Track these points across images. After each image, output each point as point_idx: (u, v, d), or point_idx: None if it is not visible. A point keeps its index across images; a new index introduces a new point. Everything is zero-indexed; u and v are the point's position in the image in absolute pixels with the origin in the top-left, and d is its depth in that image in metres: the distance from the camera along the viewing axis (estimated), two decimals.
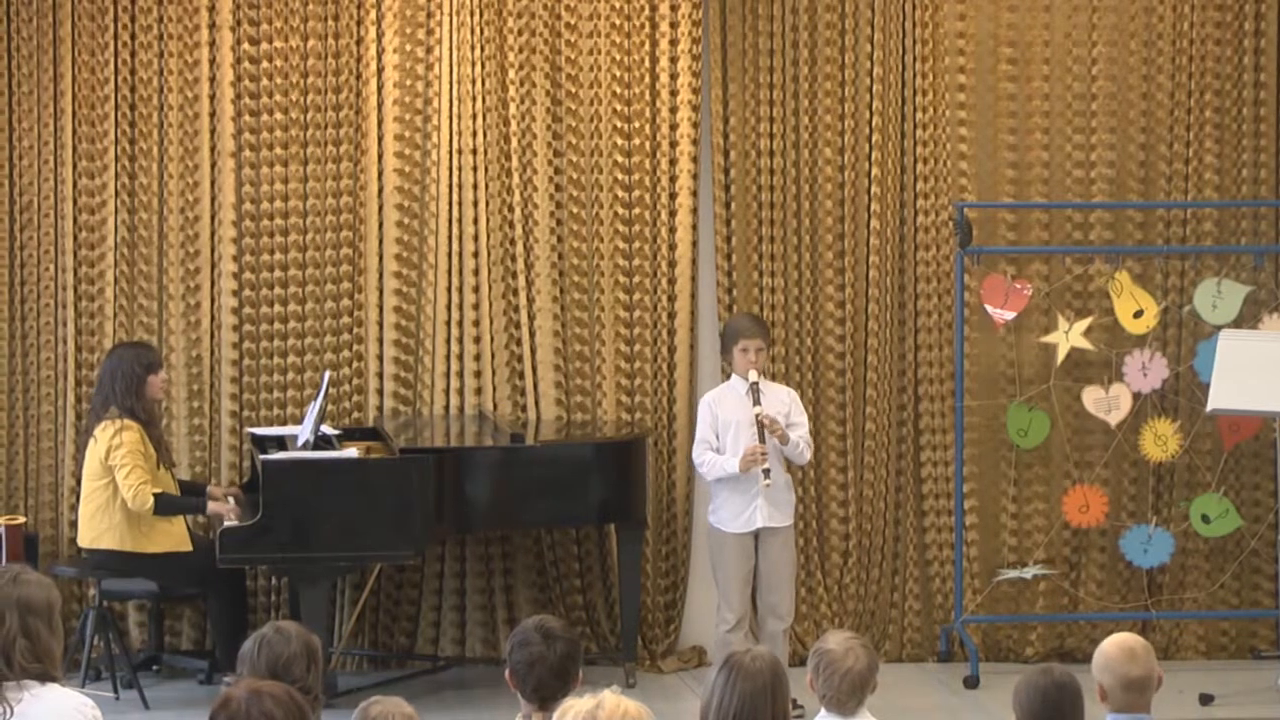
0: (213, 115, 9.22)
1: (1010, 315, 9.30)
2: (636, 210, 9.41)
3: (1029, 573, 9.41)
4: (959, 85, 9.52)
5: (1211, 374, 8.81)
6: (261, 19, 9.22)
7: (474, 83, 9.28)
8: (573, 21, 9.37)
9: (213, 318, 9.25)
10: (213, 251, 9.24)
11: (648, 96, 9.39)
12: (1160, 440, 9.36)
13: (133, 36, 9.21)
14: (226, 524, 8.29)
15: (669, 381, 9.44)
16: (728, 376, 8.65)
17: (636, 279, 9.42)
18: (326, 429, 8.80)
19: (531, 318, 9.37)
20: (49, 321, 9.22)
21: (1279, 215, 9.67)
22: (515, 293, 9.37)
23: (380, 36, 9.24)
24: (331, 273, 9.28)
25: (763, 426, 8.22)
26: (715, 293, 9.45)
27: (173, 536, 8.52)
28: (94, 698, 4.97)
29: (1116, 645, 5.10)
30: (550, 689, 4.79)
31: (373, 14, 9.24)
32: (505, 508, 8.54)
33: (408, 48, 9.27)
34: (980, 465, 9.53)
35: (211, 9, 9.20)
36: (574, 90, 9.38)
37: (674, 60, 9.38)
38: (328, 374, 8.86)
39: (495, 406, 9.35)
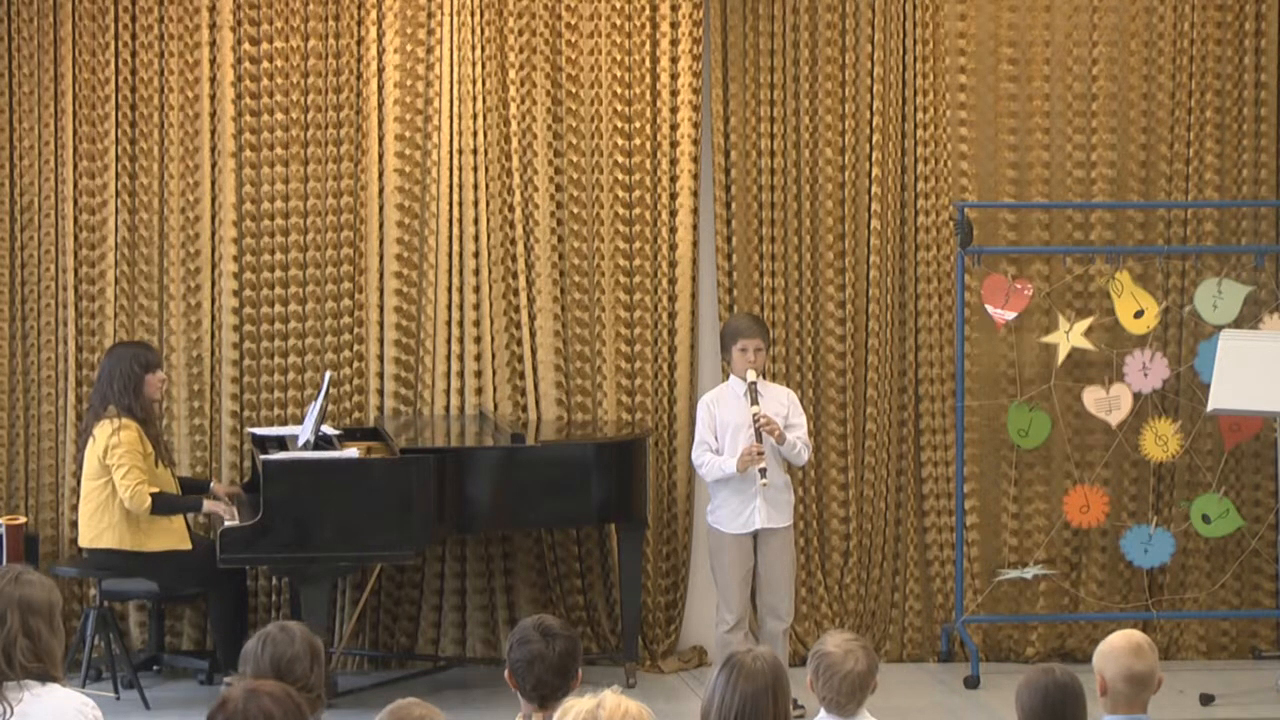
0: (213, 115, 9.22)
1: (1011, 315, 9.30)
2: (637, 210, 9.41)
3: (1029, 573, 9.41)
4: (960, 85, 9.52)
5: (1212, 374, 8.81)
6: (262, 19, 9.22)
7: (474, 83, 9.28)
8: (573, 21, 9.37)
9: (213, 318, 9.25)
10: (213, 251, 9.25)
11: (648, 96, 9.39)
12: (1161, 440, 9.36)
13: (133, 36, 9.21)
14: (227, 524, 8.29)
15: (669, 381, 9.44)
16: (728, 377, 8.65)
17: (637, 279, 9.42)
18: (327, 429, 8.80)
19: (532, 318, 9.37)
20: (49, 321, 9.22)
21: (1279, 215, 9.67)
22: (516, 293, 9.37)
23: (381, 36, 9.24)
24: (332, 273, 9.28)
25: (760, 426, 8.22)
26: (715, 293, 9.45)
27: (173, 534, 8.51)
28: (94, 698, 4.98)
29: (1124, 637, 5.11)
30: (550, 687, 4.79)
31: (373, 14, 9.24)
32: (506, 508, 8.53)
33: (408, 48, 9.27)
34: (981, 465, 9.53)
35: (212, 9, 9.20)
36: (574, 90, 9.38)
37: (675, 60, 9.37)
38: (328, 374, 8.86)
39: (496, 406, 9.35)
